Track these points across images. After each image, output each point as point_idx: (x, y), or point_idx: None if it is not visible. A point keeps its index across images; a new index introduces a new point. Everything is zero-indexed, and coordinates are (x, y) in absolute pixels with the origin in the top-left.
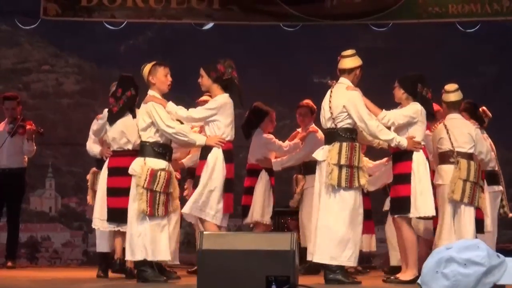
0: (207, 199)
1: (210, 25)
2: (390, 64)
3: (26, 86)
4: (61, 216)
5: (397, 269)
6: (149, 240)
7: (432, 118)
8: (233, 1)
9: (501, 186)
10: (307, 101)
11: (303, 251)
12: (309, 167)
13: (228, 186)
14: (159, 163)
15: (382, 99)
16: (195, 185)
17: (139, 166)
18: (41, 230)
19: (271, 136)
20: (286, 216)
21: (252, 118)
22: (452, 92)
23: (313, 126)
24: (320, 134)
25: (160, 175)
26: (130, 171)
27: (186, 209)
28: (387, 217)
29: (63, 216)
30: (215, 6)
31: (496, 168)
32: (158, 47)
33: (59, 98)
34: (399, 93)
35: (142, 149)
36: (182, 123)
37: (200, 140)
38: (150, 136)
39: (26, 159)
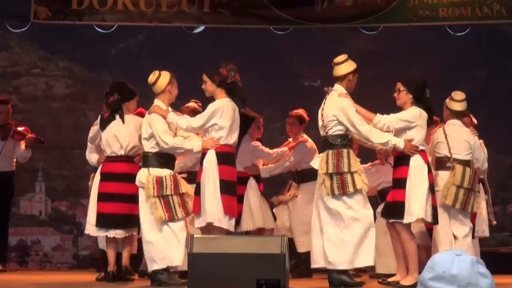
0: (212, 204)
1: (200, 28)
2: (381, 67)
3: (16, 89)
4: (51, 219)
5: (384, 276)
6: (172, 245)
7: (432, 123)
8: (224, 4)
9: (486, 194)
10: (297, 111)
11: (297, 255)
12: (303, 175)
13: (225, 187)
14: (163, 172)
15: (373, 102)
16: (196, 192)
17: (145, 177)
18: (31, 234)
19: (258, 143)
20: None
21: (241, 125)
22: (459, 102)
23: (303, 136)
24: (310, 144)
25: (166, 179)
26: (136, 183)
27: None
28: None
29: (53, 220)
30: (205, 9)
31: (482, 176)
32: (149, 51)
33: (49, 101)
34: (407, 97)
35: (145, 160)
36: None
37: (197, 146)
38: (152, 147)
39: (15, 163)
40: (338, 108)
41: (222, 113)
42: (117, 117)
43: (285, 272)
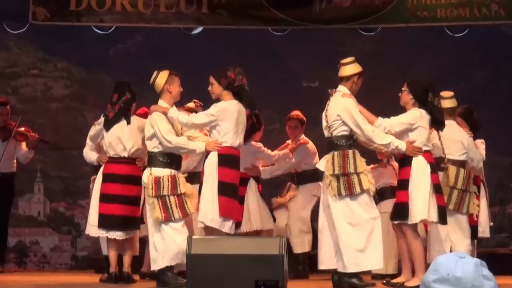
0: (207, 204)
1: (199, 29)
2: (379, 68)
3: (14, 90)
4: (49, 220)
5: (380, 276)
6: (169, 245)
7: (441, 126)
8: (222, 5)
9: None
10: (297, 113)
11: (294, 257)
12: (302, 177)
13: (224, 189)
14: (164, 172)
15: (371, 103)
16: (199, 192)
17: (146, 177)
18: (29, 235)
19: (260, 145)
20: None
21: (255, 125)
22: (447, 99)
23: (303, 138)
24: (311, 145)
25: (163, 179)
26: (142, 183)
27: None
28: None
29: (52, 221)
30: (204, 10)
31: (482, 176)
32: (147, 52)
33: (48, 102)
34: (407, 98)
35: (149, 160)
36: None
37: (200, 147)
38: (155, 146)
39: (15, 163)
40: (342, 108)
41: (226, 115)
42: (122, 118)
43: (284, 273)
